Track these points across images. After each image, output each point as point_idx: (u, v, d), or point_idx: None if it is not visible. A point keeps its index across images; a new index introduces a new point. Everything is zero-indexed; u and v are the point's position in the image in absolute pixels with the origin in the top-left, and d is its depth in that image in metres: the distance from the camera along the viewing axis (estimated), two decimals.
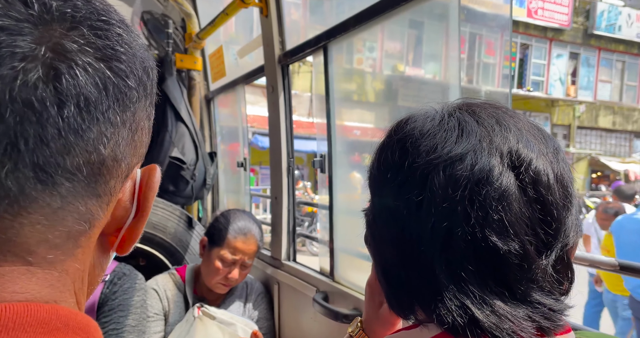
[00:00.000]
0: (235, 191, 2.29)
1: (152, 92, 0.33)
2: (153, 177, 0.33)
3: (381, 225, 0.43)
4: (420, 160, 0.39)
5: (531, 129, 0.42)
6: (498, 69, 1.57)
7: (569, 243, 0.40)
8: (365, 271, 1.50)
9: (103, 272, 0.35)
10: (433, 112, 0.44)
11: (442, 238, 0.38)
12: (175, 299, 1.53)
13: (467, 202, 0.37)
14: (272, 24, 1.63)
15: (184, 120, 1.91)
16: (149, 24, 2.08)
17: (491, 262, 0.37)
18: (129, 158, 0.30)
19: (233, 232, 1.45)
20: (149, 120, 0.32)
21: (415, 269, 0.40)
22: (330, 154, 1.49)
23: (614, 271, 0.86)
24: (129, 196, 0.32)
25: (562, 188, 0.39)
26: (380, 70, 1.66)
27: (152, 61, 0.35)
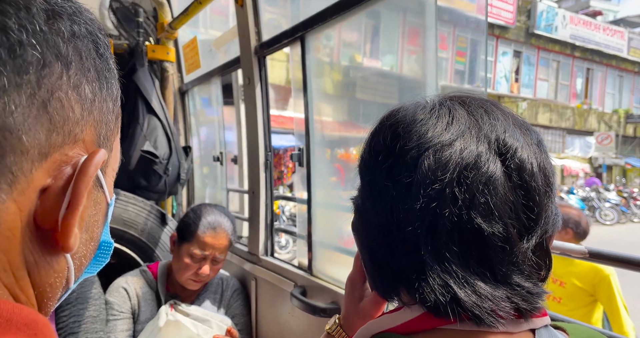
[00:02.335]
0: (212, 186, 2.23)
1: (91, 63, 0.30)
2: (89, 160, 0.29)
3: (370, 208, 0.44)
4: (411, 144, 0.41)
5: (516, 122, 0.44)
6: (450, 64, 1.55)
7: (548, 231, 0.42)
8: (343, 265, 1.49)
9: (58, 275, 0.30)
10: (424, 101, 0.45)
11: (429, 219, 0.39)
12: (146, 297, 1.48)
13: (455, 185, 0.38)
14: (248, 14, 1.59)
15: (156, 113, 1.85)
16: (118, 12, 2.00)
17: (475, 243, 0.39)
18: (37, 133, 0.26)
19: (202, 227, 1.41)
20: (77, 93, 0.28)
21: (402, 250, 0.41)
22: (308, 148, 1.46)
23: (583, 258, 0.88)
24: (63, 183, 0.28)
25: (544, 177, 0.41)
26: (338, 61, 1.64)
27: (95, 28, 0.31)
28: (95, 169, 0.29)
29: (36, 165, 0.26)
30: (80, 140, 0.29)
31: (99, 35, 0.31)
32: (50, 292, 0.30)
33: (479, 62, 11.50)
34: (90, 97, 0.29)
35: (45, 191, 0.27)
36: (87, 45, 0.29)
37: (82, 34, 0.29)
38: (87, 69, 0.29)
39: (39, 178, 0.27)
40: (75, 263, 0.32)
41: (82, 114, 0.29)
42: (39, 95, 0.25)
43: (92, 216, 0.32)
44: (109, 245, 0.37)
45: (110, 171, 0.35)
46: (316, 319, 1.34)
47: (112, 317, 1.42)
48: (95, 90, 0.30)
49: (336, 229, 1.50)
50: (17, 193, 0.26)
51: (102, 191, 0.33)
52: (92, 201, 0.32)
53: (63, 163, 0.28)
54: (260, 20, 1.59)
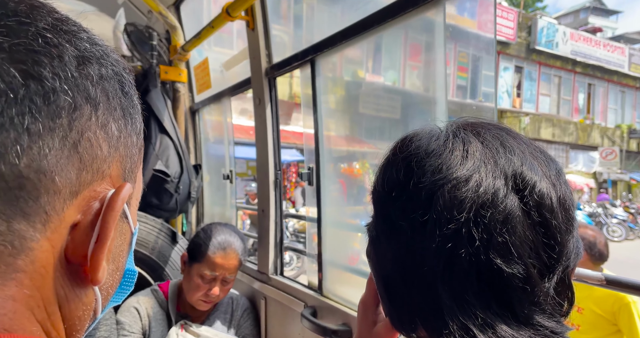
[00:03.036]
0: (221, 204, 2.24)
1: (117, 102, 0.31)
2: (116, 195, 0.30)
3: (385, 243, 0.43)
4: (425, 180, 0.39)
5: (534, 151, 0.42)
6: (452, 79, 1.55)
7: (569, 266, 0.40)
8: (354, 285, 1.47)
9: (87, 307, 0.31)
10: (437, 131, 0.44)
11: (445, 258, 0.38)
12: (157, 317, 1.47)
13: (472, 224, 0.37)
14: (259, 37, 1.62)
15: (168, 133, 1.87)
16: (133, 35, 2.05)
17: (494, 284, 0.37)
18: (69, 173, 0.27)
19: (212, 247, 1.40)
20: (104, 132, 0.29)
21: (418, 288, 0.40)
22: (318, 167, 1.47)
23: (600, 285, 0.86)
24: (92, 218, 0.29)
25: (564, 212, 0.39)
26: (341, 77, 1.66)
27: (120, 69, 0.32)
28: (122, 203, 0.30)
29: (67, 204, 0.27)
30: (107, 175, 0.30)
31: (124, 75, 0.33)
32: (78, 324, 0.31)
33: (481, 77, 11.38)
34: (116, 135, 0.30)
35: (75, 226, 0.28)
36: (114, 86, 0.31)
37: (109, 76, 0.30)
38: (114, 108, 0.30)
39: (70, 215, 0.27)
40: (102, 294, 0.32)
41: (109, 151, 0.30)
42: (70, 137, 0.27)
43: (118, 246, 0.33)
44: (133, 273, 0.37)
45: (134, 201, 0.36)
46: None
47: (123, 337, 1.41)
48: (120, 127, 0.31)
49: (346, 248, 1.49)
50: (50, 232, 0.26)
51: (127, 221, 0.34)
52: (119, 232, 0.33)
53: (92, 199, 0.29)
54: (271, 43, 1.62)
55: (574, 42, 16.69)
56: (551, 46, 16.15)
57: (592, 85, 18.08)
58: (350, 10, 1.55)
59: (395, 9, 1.13)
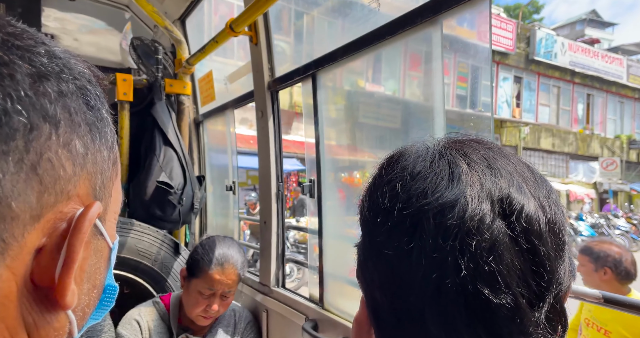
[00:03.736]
0: (224, 215, 2.22)
1: (82, 117, 0.28)
2: (83, 216, 0.27)
3: (372, 267, 0.41)
4: (410, 205, 0.38)
5: (523, 172, 0.40)
6: (452, 89, 1.53)
7: (561, 291, 0.39)
8: (356, 298, 1.44)
9: (59, 332, 0.29)
10: (424, 150, 0.42)
11: (432, 288, 0.36)
12: (158, 330, 1.45)
13: (458, 253, 0.35)
14: (262, 51, 1.63)
15: (172, 145, 1.86)
16: (139, 49, 2.06)
17: (483, 314, 0.35)
18: (27, 197, 0.24)
19: (210, 263, 1.37)
20: (67, 150, 0.27)
21: (406, 316, 0.38)
22: (319, 179, 1.46)
23: (598, 303, 0.83)
24: (58, 241, 0.27)
25: (553, 236, 0.38)
26: (341, 86, 1.65)
27: (84, 82, 0.30)
28: (90, 224, 0.28)
29: (28, 229, 0.25)
30: (74, 195, 0.28)
31: (88, 88, 0.30)
32: None
33: (480, 87, 11.33)
34: (82, 152, 0.28)
35: (40, 250, 0.26)
36: (76, 101, 0.28)
37: (70, 91, 0.28)
38: (78, 124, 0.28)
39: (33, 240, 0.25)
40: (77, 314, 0.30)
41: (74, 170, 0.27)
42: (27, 159, 0.24)
43: (93, 265, 0.31)
44: (114, 289, 0.35)
45: (111, 215, 0.34)
46: None
47: None
48: (87, 143, 0.29)
49: (347, 261, 1.47)
50: (10, 260, 0.24)
51: (102, 238, 0.32)
52: (92, 251, 0.31)
53: (58, 220, 0.27)
54: (274, 58, 1.62)
55: (572, 53, 16.69)
56: (550, 57, 16.14)
57: (591, 95, 18.04)
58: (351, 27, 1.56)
59: (394, 26, 1.13)
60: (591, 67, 17.26)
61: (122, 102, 1.94)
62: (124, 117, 1.93)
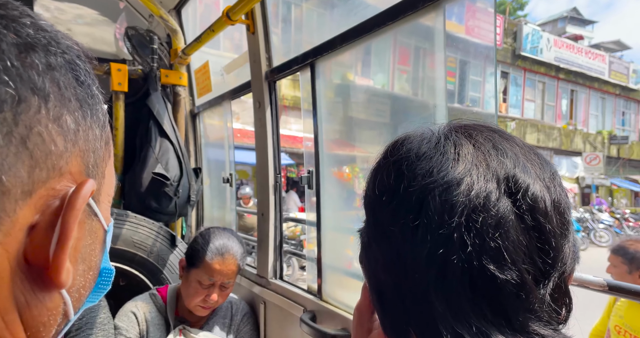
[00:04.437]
0: (221, 208, 2.15)
1: (72, 92, 0.27)
2: (77, 193, 0.26)
3: (376, 249, 0.40)
4: (415, 184, 0.36)
5: (528, 154, 0.39)
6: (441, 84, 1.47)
7: (566, 271, 0.37)
8: (354, 289, 1.40)
9: (52, 312, 0.28)
10: (429, 133, 0.41)
11: (437, 265, 0.35)
12: (155, 322, 1.39)
13: (464, 229, 0.34)
14: (259, 41, 1.55)
15: (168, 136, 1.79)
16: (134, 39, 1.97)
17: (488, 291, 0.34)
18: (18, 171, 0.23)
19: (210, 253, 1.32)
20: (58, 125, 0.26)
21: (410, 295, 0.37)
22: (317, 170, 1.40)
23: (602, 291, 0.80)
24: (51, 218, 0.25)
25: (559, 215, 0.36)
26: (331, 80, 1.58)
27: (73, 56, 0.28)
28: (84, 201, 0.26)
29: (20, 204, 0.24)
30: (66, 172, 0.26)
31: (77, 62, 0.29)
32: (43, 331, 0.27)
33: (468, 83, 11.33)
34: (73, 128, 0.27)
35: (33, 228, 0.25)
36: (66, 75, 0.27)
37: (58, 65, 0.27)
38: (68, 99, 0.27)
39: (25, 216, 0.24)
40: (73, 296, 0.29)
41: (65, 145, 0.26)
42: (16, 133, 0.23)
43: (88, 246, 0.30)
44: (110, 272, 0.34)
45: (104, 197, 0.32)
46: None
47: None
48: (78, 119, 0.27)
49: (346, 252, 1.42)
50: (2, 236, 0.23)
51: (97, 219, 0.31)
52: (87, 231, 0.30)
53: (51, 197, 0.25)
54: (271, 47, 1.55)
55: (557, 49, 16.57)
56: (535, 52, 15.98)
57: (575, 91, 18.08)
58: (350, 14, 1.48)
59: (394, 12, 1.07)
60: (575, 63, 17.24)
61: (116, 92, 1.85)
62: (119, 108, 1.85)
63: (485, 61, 14.58)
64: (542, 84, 17.02)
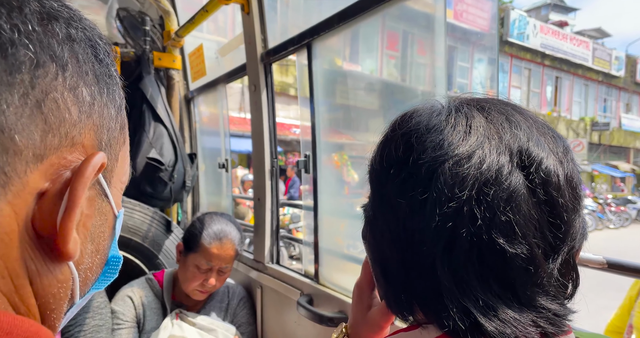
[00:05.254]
0: (217, 193, 2.07)
1: (90, 66, 0.26)
2: (87, 161, 0.25)
3: (382, 222, 0.38)
4: (425, 156, 0.34)
5: (541, 127, 0.37)
6: (429, 70, 1.40)
7: (575, 246, 0.35)
8: (351, 273, 1.35)
9: (62, 285, 0.27)
10: (439, 106, 0.38)
11: (445, 238, 0.33)
12: (152, 306, 1.33)
13: (474, 202, 0.32)
14: (254, 21, 1.45)
15: (162, 120, 1.69)
16: (125, 21, 1.84)
17: (496, 264, 0.33)
18: (32, 133, 0.23)
19: (208, 237, 1.27)
20: (74, 95, 0.25)
21: (416, 269, 0.35)
22: (314, 154, 1.32)
23: (601, 269, 0.76)
24: (61, 187, 0.25)
25: (571, 190, 0.34)
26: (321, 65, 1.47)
27: (94, 34, 0.28)
28: (93, 170, 0.25)
29: (31, 167, 0.23)
30: (78, 143, 0.26)
31: (98, 41, 0.28)
32: (53, 303, 0.27)
33: (456, 68, 11.21)
34: (88, 100, 0.26)
35: (43, 195, 0.24)
36: (85, 49, 0.27)
37: (79, 38, 0.26)
38: (85, 72, 0.26)
39: (35, 181, 0.24)
40: (81, 275, 0.28)
41: (79, 116, 0.26)
42: (32, 95, 0.23)
43: (97, 227, 0.29)
44: (118, 259, 0.33)
45: (116, 182, 0.31)
46: (323, 328, 1.20)
47: (116, 326, 1.28)
48: (94, 93, 0.27)
49: (342, 236, 1.36)
50: (11, 196, 0.23)
51: (107, 201, 0.30)
52: (96, 210, 0.28)
53: (62, 167, 0.25)
54: (267, 28, 1.45)
55: (543, 35, 16.12)
56: (522, 38, 15.51)
57: (559, 78, 17.88)
58: None
59: None
60: (560, 50, 16.94)
61: None
62: None
63: (473, 47, 14.23)
64: (528, 71, 16.75)
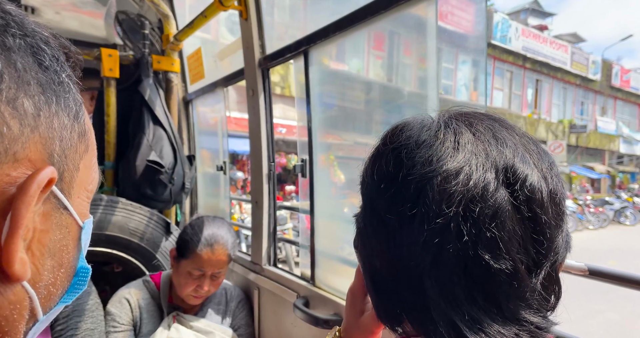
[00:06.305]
0: (215, 195, 2.00)
1: (32, 75, 0.23)
2: (31, 178, 0.22)
3: (372, 235, 0.37)
4: (414, 171, 0.34)
5: (527, 143, 0.36)
6: (414, 71, 1.34)
7: (557, 260, 0.35)
8: (346, 276, 1.31)
9: (15, 306, 0.24)
10: (429, 121, 0.37)
11: (433, 253, 0.33)
12: (149, 308, 1.27)
13: (461, 219, 0.32)
14: (252, 27, 1.38)
15: (161, 123, 1.62)
16: (124, 24, 1.76)
17: (481, 279, 0.32)
18: None
19: (199, 244, 1.20)
20: (13, 108, 0.22)
21: (405, 282, 0.35)
22: (311, 158, 1.27)
23: (583, 276, 0.72)
24: (5, 205, 0.22)
25: (554, 206, 0.34)
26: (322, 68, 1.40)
27: (37, 40, 0.25)
28: (38, 187, 0.23)
29: None
30: (23, 158, 0.23)
31: (42, 47, 0.25)
32: (6, 325, 0.24)
33: (440, 70, 11.28)
34: (32, 112, 0.23)
35: None
36: (25, 58, 0.23)
37: (17, 46, 0.23)
38: (27, 82, 0.23)
39: None
40: (40, 292, 0.26)
41: (21, 130, 0.22)
42: None
43: (57, 241, 0.26)
44: (86, 271, 0.30)
45: (79, 192, 0.28)
46: (319, 331, 1.16)
47: (112, 329, 1.21)
48: (39, 104, 0.24)
49: (339, 239, 1.31)
50: None
51: (67, 213, 0.27)
52: (54, 224, 0.26)
53: (5, 184, 0.22)
54: (264, 34, 1.38)
55: (524, 38, 15.93)
56: (505, 41, 15.34)
57: (540, 81, 17.86)
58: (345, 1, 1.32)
59: (388, 0, 0.94)
60: (540, 53, 16.80)
61: (108, 78, 1.66)
62: (111, 94, 1.66)
63: (457, 49, 14.10)
64: (510, 73, 16.63)
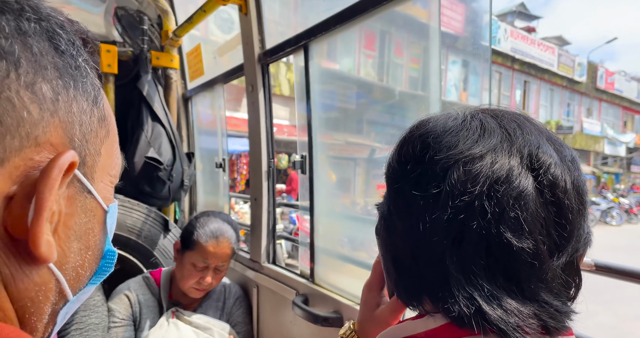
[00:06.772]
0: (214, 193, 1.95)
1: (49, 60, 0.22)
2: (53, 161, 0.22)
3: (396, 216, 0.37)
4: (441, 154, 0.34)
5: (550, 137, 0.36)
6: (405, 71, 1.31)
7: (579, 249, 0.34)
8: (346, 273, 1.27)
9: (41, 288, 0.23)
10: (455, 113, 0.38)
11: (456, 231, 0.32)
12: (149, 304, 1.23)
13: (485, 198, 0.32)
14: (252, 22, 1.33)
15: (160, 120, 1.56)
16: (123, 20, 1.70)
17: (503, 258, 0.32)
18: None
19: (204, 236, 1.18)
20: (32, 93, 0.21)
21: (427, 260, 0.35)
22: (311, 155, 1.22)
23: (589, 271, 0.69)
24: (30, 190, 0.21)
25: (577, 195, 0.34)
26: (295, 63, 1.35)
27: (52, 24, 0.23)
28: (60, 171, 0.22)
29: None
30: (44, 142, 0.22)
31: (58, 31, 0.24)
32: (32, 306, 0.23)
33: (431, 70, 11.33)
34: (50, 96, 0.22)
35: (11, 199, 0.21)
36: (41, 43, 0.23)
37: (33, 31, 0.22)
38: (44, 67, 0.22)
39: (0, 186, 0.21)
40: (68, 274, 0.25)
41: (41, 114, 0.22)
42: None
43: (82, 224, 0.26)
44: (113, 254, 0.30)
45: (102, 176, 0.27)
46: (318, 328, 1.12)
47: (113, 324, 1.17)
48: (57, 89, 0.23)
49: (339, 237, 1.27)
50: None
51: (92, 197, 0.26)
52: (79, 208, 0.25)
53: (29, 168, 0.22)
54: (264, 29, 1.33)
55: (513, 40, 15.92)
56: (494, 42, 15.50)
57: (527, 82, 17.87)
58: None
59: None
60: (528, 55, 16.77)
61: (106, 74, 1.60)
62: (109, 90, 1.60)
63: (448, 49, 14.05)
64: (499, 74, 16.59)
